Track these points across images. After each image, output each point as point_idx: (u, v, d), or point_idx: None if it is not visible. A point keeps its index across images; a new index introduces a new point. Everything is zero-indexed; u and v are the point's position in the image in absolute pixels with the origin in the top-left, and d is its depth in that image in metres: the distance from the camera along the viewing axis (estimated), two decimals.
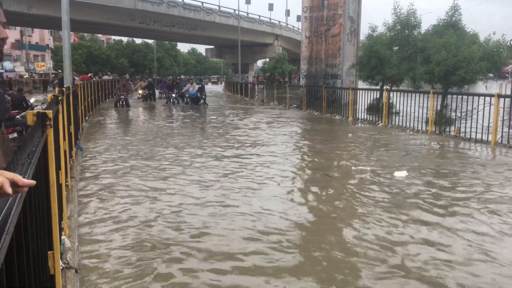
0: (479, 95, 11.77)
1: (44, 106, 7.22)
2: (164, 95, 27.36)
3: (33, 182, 0.98)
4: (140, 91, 27.43)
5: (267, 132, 12.85)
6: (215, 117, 17.75)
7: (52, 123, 2.91)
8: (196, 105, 23.01)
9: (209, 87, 26.16)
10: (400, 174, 7.43)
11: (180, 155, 9.23)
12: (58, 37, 62.21)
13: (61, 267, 3.31)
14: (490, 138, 10.70)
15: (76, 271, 3.83)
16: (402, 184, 6.79)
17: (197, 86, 24.16)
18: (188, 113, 19.30)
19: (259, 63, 71.58)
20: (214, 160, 8.65)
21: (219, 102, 26.34)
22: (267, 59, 56.91)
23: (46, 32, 65.48)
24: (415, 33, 16.80)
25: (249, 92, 31.36)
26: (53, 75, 49.81)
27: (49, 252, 2.57)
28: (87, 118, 15.12)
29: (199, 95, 23.29)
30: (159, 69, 60.30)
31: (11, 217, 0.98)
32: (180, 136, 12.02)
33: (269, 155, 9.17)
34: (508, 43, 14.97)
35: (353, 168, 8.04)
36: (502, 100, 10.89)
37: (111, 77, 38.02)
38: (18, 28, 58.96)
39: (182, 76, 43.55)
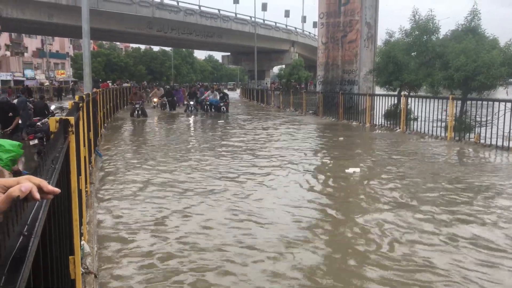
0: (499, 101, 11.58)
1: (65, 113, 7.35)
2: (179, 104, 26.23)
3: (58, 190, 0.99)
4: (155, 100, 25.65)
5: (286, 144, 12.67)
6: (236, 129, 17.35)
7: (73, 129, 2.97)
8: (218, 112, 22.47)
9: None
10: (352, 170, 8.15)
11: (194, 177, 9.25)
12: (78, 45, 63.49)
13: (81, 272, 3.35)
14: (511, 144, 10.49)
15: (95, 276, 3.87)
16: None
17: (218, 94, 23.71)
18: (208, 122, 18.59)
19: (275, 69, 71.80)
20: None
21: (237, 110, 26.01)
22: (283, 66, 57.01)
23: (66, 40, 66.87)
24: (434, 39, 16.67)
25: (266, 99, 31.45)
26: (73, 83, 50.77)
27: (70, 257, 2.60)
28: (105, 124, 15.31)
29: (220, 103, 22.70)
30: (176, 76, 60.91)
31: (38, 220, 1.00)
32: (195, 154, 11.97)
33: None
34: None
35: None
36: None
37: (129, 85, 38.44)
38: (39, 37, 60.41)
39: (199, 83, 43.74)
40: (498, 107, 11.27)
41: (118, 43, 68.66)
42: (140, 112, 19.62)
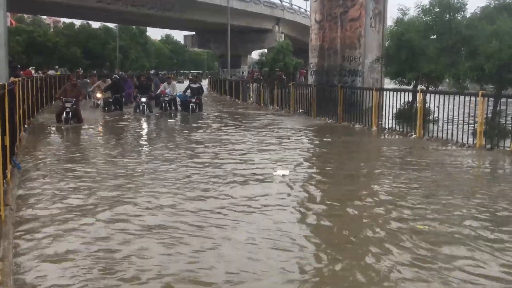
0: None
1: None
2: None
3: None
4: (98, 95, 23.96)
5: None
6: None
7: None
8: (185, 112, 22.18)
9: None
10: (281, 172, 9.22)
11: None
12: None
13: None
14: None
15: None
16: None
17: (175, 86, 23.14)
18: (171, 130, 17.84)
19: (255, 54, 72.01)
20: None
21: (205, 107, 25.36)
22: (265, 50, 57.12)
23: None
24: (459, 18, 16.94)
25: (242, 93, 31.52)
26: None
27: None
28: (26, 126, 15.02)
29: (191, 98, 22.32)
30: (122, 61, 60.28)
31: None
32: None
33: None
34: None
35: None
36: None
37: (58, 73, 37.72)
38: None
39: (153, 71, 43.16)
40: None
41: (44, 17, 67.79)
42: (70, 116, 17.22)
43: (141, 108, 21.68)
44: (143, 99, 21.76)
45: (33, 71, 37.28)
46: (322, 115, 19.99)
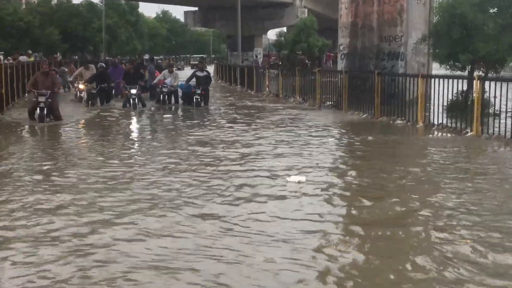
0: None
1: None
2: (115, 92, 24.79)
3: None
4: (81, 86, 23.88)
5: None
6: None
7: None
8: (188, 106, 22.46)
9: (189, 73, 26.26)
10: (297, 179, 9.49)
11: None
12: None
13: None
14: None
15: None
16: None
17: (177, 76, 23.26)
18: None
19: (271, 34, 71.82)
20: None
21: (212, 100, 25.45)
22: (284, 29, 57.06)
23: None
24: None
25: (255, 82, 31.51)
26: None
27: None
28: None
29: (195, 89, 22.36)
30: (110, 43, 60.25)
31: None
32: None
33: None
34: None
35: None
36: None
37: (31, 59, 37.52)
38: None
39: (147, 56, 42.64)
40: None
41: None
42: (46, 112, 17.29)
43: (131, 102, 21.78)
44: (133, 91, 21.84)
45: (1, 57, 37.16)
46: (355, 108, 19.97)
